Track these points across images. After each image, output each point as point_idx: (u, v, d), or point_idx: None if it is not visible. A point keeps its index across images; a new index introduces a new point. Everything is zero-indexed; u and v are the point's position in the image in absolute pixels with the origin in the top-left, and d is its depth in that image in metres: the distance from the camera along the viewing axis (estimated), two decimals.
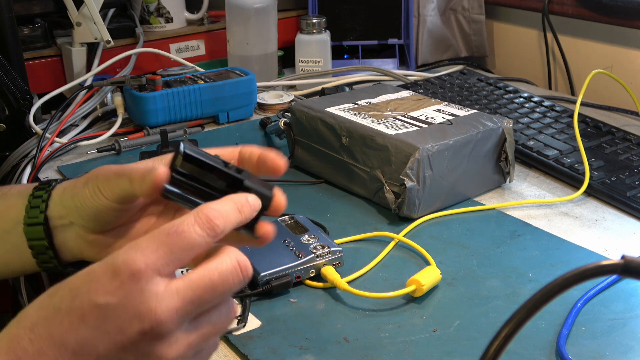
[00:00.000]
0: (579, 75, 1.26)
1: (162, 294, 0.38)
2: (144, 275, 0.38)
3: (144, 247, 0.39)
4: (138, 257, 0.38)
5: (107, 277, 0.38)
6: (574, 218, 0.78)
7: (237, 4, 1.18)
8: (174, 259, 0.39)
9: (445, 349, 0.57)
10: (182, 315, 0.39)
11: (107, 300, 0.38)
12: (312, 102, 0.90)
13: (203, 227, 0.40)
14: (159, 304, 0.38)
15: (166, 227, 0.40)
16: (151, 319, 0.38)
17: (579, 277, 0.32)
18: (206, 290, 0.40)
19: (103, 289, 0.38)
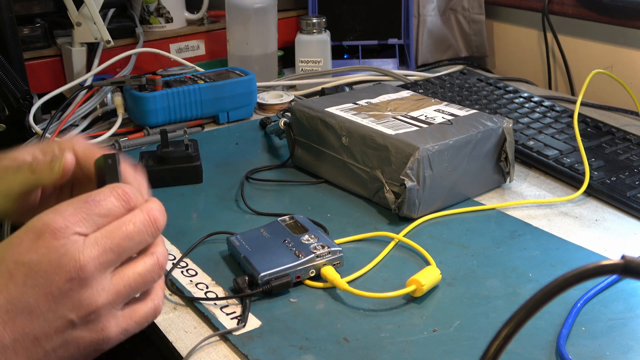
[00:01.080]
0: (579, 75, 1.26)
1: (83, 245, 0.41)
2: (64, 232, 0.40)
3: (62, 211, 0.41)
4: (58, 218, 0.41)
5: (29, 238, 0.41)
6: (574, 218, 0.78)
7: (237, 4, 1.18)
8: (92, 222, 0.42)
9: (445, 349, 0.57)
10: (103, 262, 0.41)
11: (31, 257, 0.40)
12: (312, 102, 0.90)
13: (118, 198, 0.43)
14: (80, 253, 0.40)
15: (84, 196, 0.43)
16: (75, 266, 0.40)
17: (579, 277, 0.32)
18: (122, 239, 0.42)
19: (27, 248, 0.40)
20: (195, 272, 0.68)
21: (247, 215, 0.80)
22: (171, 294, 0.65)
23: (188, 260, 0.70)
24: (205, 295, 0.64)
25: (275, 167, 0.92)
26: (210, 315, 0.61)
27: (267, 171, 0.91)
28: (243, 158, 0.95)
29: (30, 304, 0.40)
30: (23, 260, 0.40)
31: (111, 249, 0.42)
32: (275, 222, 0.72)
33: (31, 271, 0.40)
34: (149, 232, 0.44)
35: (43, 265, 0.40)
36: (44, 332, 0.40)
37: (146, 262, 0.45)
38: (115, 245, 0.42)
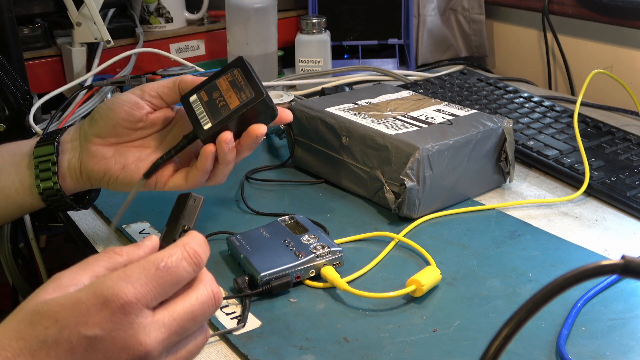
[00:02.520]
0: (579, 75, 1.26)
1: (150, 326, 0.39)
2: (133, 308, 0.39)
3: (134, 280, 0.39)
4: (129, 289, 0.39)
5: (96, 308, 0.38)
6: (574, 218, 0.78)
7: (237, 4, 1.18)
8: (162, 293, 0.40)
9: (445, 349, 0.57)
10: (167, 345, 0.40)
11: (96, 332, 0.38)
12: (312, 102, 0.90)
13: (190, 263, 0.42)
14: (147, 336, 0.39)
15: (156, 260, 0.41)
16: (140, 351, 0.39)
17: (579, 277, 0.32)
18: (188, 321, 0.41)
19: (92, 320, 0.38)
20: None
21: (247, 215, 0.80)
22: None
23: None
24: None
25: (275, 167, 0.92)
26: None
27: (267, 171, 0.91)
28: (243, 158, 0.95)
29: None
30: (87, 334, 0.38)
31: (176, 332, 0.41)
32: (275, 222, 0.72)
33: (93, 348, 0.38)
34: (210, 311, 0.43)
35: (107, 343, 0.38)
36: None
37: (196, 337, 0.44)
38: (181, 328, 0.41)
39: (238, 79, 0.64)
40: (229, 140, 0.62)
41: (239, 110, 0.62)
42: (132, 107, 0.65)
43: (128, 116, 0.66)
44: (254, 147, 0.65)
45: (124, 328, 0.38)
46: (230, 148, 0.63)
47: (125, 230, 0.76)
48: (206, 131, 0.62)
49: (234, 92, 0.63)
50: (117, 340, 0.38)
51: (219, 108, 0.63)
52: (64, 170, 0.67)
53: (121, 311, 0.38)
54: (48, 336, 0.38)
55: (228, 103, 0.63)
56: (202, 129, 0.62)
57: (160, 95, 0.67)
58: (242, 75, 0.64)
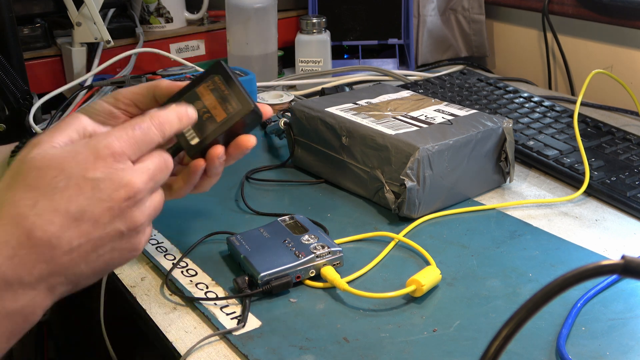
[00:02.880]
0: (579, 75, 1.26)
1: (136, 171, 0.49)
2: (121, 156, 0.49)
3: (118, 137, 0.49)
4: (116, 142, 0.49)
5: (93, 157, 0.48)
6: (574, 218, 0.78)
7: (237, 4, 1.18)
8: (139, 149, 0.50)
9: (445, 349, 0.57)
10: (149, 187, 0.50)
11: (97, 175, 0.47)
12: (312, 102, 0.90)
13: (158, 129, 0.52)
14: (136, 176, 0.49)
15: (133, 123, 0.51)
16: (133, 187, 0.48)
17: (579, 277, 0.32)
18: (158, 171, 0.52)
19: (92, 166, 0.47)
20: (195, 272, 0.68)
21: (247, 215, 0.80)
22: (171, 294, 0.65)
23: (188, 260, 0.70)
24: (205, 295, 0.64)
25: (275, 167, 0.92)
26: (210, 315, 0.61)
27: (267, 171, 0.91)
28: (243, 158, 0.95)
29: (95, 215, 0.47)
30: (90, 176, 0.47)
31: (153, 178, 0.51)
32: (275, 222, 0.72)
33: (97, 187, 0.47)
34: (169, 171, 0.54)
35: (107, 183, 0.47)
36: (101, 239, 0.48)
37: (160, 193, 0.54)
38: (154, 175, 0.51)
39: (220, 87, 0.60)
40: (220, 155, 0.61)
41: (227, 122, 0.60)
42: (106, 118, 0.64)
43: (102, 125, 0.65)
44: (242, 156, 0.64)
45: (117, 171, 0.48)
46: (222, 162, 0.62)
47: None
48: (194, 147, 0.60)
49: (218, 102, 0.60)
50: (115, 180, 0.48)
51: (204, 121, 0.59)
52: None
53: (113, 159, 0.48)
54: (58, 182, 0.47)
55: (214, 115, 0.60)
56: (190, 145, 0.60)
57: (134, 102, 0.65)
58: (224, 83, 0.60)
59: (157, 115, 0.53)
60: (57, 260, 0.46)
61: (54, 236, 0.45)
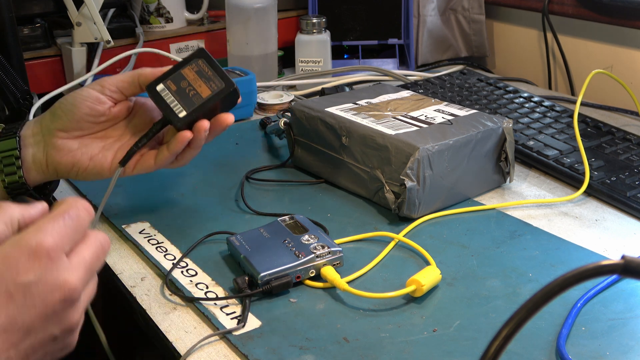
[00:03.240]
0: (579, 75, 1.26)
1: (71, 267, 0.45)
2: (56, 253, 0.44)
3: (50, 230, 0.45)
4: (49, 238, 0.44)
5: (25, 258, 0.43)
6: (574, 218, 0.78)
7: (237, 4, 1.18)
8: (72, 239, 0.47)
9: (445, 349, 0.57)
10: (85, 281, 0.46)
11: (29, 278, 0.43)
12: (312, 102, 0.90)
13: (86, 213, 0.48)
14: (71, 275, 0.45)
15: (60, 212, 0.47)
16: (68, 288, 0.44)
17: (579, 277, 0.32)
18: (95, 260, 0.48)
19: (24, 268, 0.43)
20: (195, 272, 0.68)
21: (247, 215, 0.80)
22: (171, 294, 0.65)
23: (188, 260, 0.70)
24: (205, 295, 0.64)
25: (275, 167, 0.92)
26: (210, 315, 0.61)
27: (267, 171, 0.91)
28: (243, 158, 0.95)
29: (27, 323, 0.43)
30: (22, 281, 0.43)
31: (89, 269, 0.47)
32: (275, 222, 0.72)
33: (29, 292, 0.43)
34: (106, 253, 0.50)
35: (40, 286, 0.43)
36: (32, 346, 0.44)
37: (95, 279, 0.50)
38: (91, 266, 0.47)
39: (204, 69, 0.68)
40: (207, 129, 0.68)
41: (212, 99, 0.67)
42: (94, 103, 0.69)
43: (91, 111, 0.70)
44: (220, 133, 0.70)
45: (52, 271, 0.44)
46: (206, 135, 0.68)
47: (125, 230, 0.76)
48: (182, 119, 0.67)
49: (202, 81, 0.68)
50: (49, 282, 0.43)
51: (190, 97, 0.67)
52: (28, 164, 0.70)
53: (47, 257, 0.44)
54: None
55: (199, 92, 0.67)
56: (178, 117, 0.67)
57: (120, 89, 0.71)
58: (207, 65, 0.68)
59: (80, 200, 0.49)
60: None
61: None
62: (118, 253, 0.73)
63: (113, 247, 0.74)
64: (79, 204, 0.48)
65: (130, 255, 0.73)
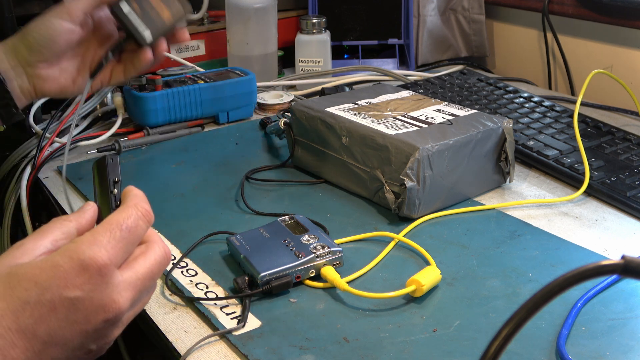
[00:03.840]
0: (579, 75, 1.26)
1: (121, 286, 0.44)
2: (108, 269, 0.43)
3: (105, 244, 0.44)
4: (103, 253, 0.43)
5: (75, 272, 0.42)
6: (574, 218, 0.78)
7: (237, 4, 1.18)
8: (127, 252, 0.46)
9: (445, 349, 0.57)
10: (133, 302, 0.45)
11: (77, 294, 0.42)
12: (312, 102, 0.90)
13: (145, 221, 0.47)
14: (120, 296, 0.44)
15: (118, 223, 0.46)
16: (115, 309, 0.43)
17: (579, 277, 0.32)
18: (149, 279, 0.47)
19: (72, 283, 0.42)
20: (195, 272, 0.68)
21: (247, 215, 0.80)
22: (171, 294, 0.65)
23: (188, 260, 0.70)
24: (205, 295, 0.64)
25: (275, 167, 0.92)
26: (210, 315, 0.61)
27: (267, 171, 0.91)
28: (243, 158, 0.96)
29: (66, 338, 0.42)
30: (69, 295, 0.42)
31: (141, 290, 0.46)
32: (275, 222, 0.72)
33: (74, 307, 0.42)
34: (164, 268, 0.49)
35: (86, 303, 0.42)
36: (67, 357, 0.43)
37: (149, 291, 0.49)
38: (144, 287, 0.46)
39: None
40: (166, 49, 0.76)
41: (174, 23, 0.75)
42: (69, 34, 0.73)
43: (68, 43, 0.74)
44: None
45: (101, 289, 0.43)
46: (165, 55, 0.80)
47: None
48: (147, 41, 0.74)
49: (164, 5, 0.75)
50: (95, 300, 0.42)
51: (153, 19, 0.74)
52: (17, 94, 0.75)
53: (99, 273, 0.42)
54: (30, 297, 0.41)
55: (161, 16, 0.75)
56: (143, 37, 0.73)
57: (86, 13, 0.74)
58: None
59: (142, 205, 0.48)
60: None
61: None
62: None
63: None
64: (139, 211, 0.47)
65: None
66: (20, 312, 0.41)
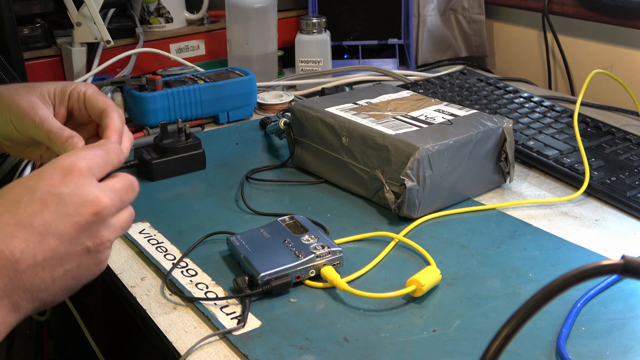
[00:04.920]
0: (579, 75, 1.26)
1: (103, 188, 0.49)
2: (87, 172, 0.49)
3: (84, 154, 0.50)
4: (81, 161, 0.49)
5: (59, 173, 0.48)
6: (574, 218, 0.78)
7: (237, 4, 1.18)
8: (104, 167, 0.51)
9: (445, 349, 0.57)
10: (116, 205, 0.50)
11: (63, 190, 0.47)
12: (312, 102, 0.90)
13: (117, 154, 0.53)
14: (103, 193, 0.48)
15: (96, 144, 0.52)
16: (101, 204, 0.48)
17: (579, 277, 0.32)
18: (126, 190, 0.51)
19: (58, 182, 0.47)
20: (195, 272, 0.68)
21: (247, 215, 0.80)
22: (171, 294, 0.65)
23: (188, 260, 0.70)
24: (205, 295, 0.64)
25: (275, 167, 0.92)
26: (210, 315, 0.61)
27: (267, 171, 0.91)
28: (243, 158, 0.96)
29: (61, 229, 0.46)
30: (56, 191, 0.47)
31: (121, 197, 0.50)
32: (275, 222, 0.72)
33: (63, 201, 0.46)
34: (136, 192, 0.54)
35: (73, 197, 0.47)
36: (67, 254, 0.47)
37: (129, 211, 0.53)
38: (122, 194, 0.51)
39: None
40: None
41: None
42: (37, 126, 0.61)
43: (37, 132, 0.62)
44: None
45: (85, 186, 0.48)
46: None
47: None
48: None
49: None
50: (82, 195, 0.47)
51: None
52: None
53: (80, 175, 0.48)
54: (21, 197, 0.46)
55: None
56: None
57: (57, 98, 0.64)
58: None
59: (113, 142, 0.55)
60: (21, 275, 0.44)
61: (17, 250, 0.44)
62: (118, 253, 0.73)
63: (113, 247, 0.74)
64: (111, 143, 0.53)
65: (130, 255, 0.73)
66: (15, 209, 0.45)
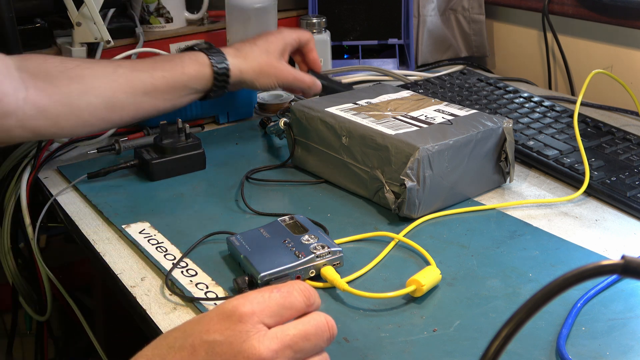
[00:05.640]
0: (579, 75, 1.26)
1: (264, 337, 0.44)
2: (250, 319, 0.44)
3: (252, 299, 0.46)
4: (247, 304, 0.45)
5: (218, 319, 0.45)
6: (574, 218, 0.78)
7: (237, 4, 1.18)
8: (277, 313, 0.46)
9: (445, 349, 0.57)
10: (279, 356, 0.44)
11: (215, 337, 0.44)
12: (312, 102, 0.90)
13: (301, 294, 0.48)
14: (260, 344, 0.44)
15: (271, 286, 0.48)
16: (254, 354, 0.43)
17: (579, 277, 0.32)
18: (301, 338, 0.46)
19: (213, 328, 0.44)
20: (195, 272, 0.68)
21: (247, 215, 0.80)
22: (171, 294, 0.65)
23: (188, 260, 0.70)
24: (205, 295, 0.64)
25: (275, 167, 0.92)
26: None
27: (267, 171, 0.91)
28: (243, 158, 0.96)
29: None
30: (208, 338, 0.44)
31: (289, 346, 0.45)
32: (275, 222, 0.72)
33: (212, 351, 0.44)
34: (325, 337, 0.48)
35: (224, 347, 0.44)
36: None
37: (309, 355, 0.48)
38: (294, 343, 0.46)
39: None
40: None
41: None
42: None
43: None
44: None
45: (240, 335, 0.44)
46: None
47: (125, 230, 0.76)
48: None
49: None
50: (234, 345, 0.44)
51: None
52: None
53: (239, 320, 0.44)
54: (175, 343, 0.45)
55: None
56: None
57: None
58: None
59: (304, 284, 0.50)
60: None
61: None
62: (118, 253, 0.73)
63: (113, 247, 0.74)
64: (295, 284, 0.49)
65: (130, 255, 0.73)
66: (166, 355, 0.45)
